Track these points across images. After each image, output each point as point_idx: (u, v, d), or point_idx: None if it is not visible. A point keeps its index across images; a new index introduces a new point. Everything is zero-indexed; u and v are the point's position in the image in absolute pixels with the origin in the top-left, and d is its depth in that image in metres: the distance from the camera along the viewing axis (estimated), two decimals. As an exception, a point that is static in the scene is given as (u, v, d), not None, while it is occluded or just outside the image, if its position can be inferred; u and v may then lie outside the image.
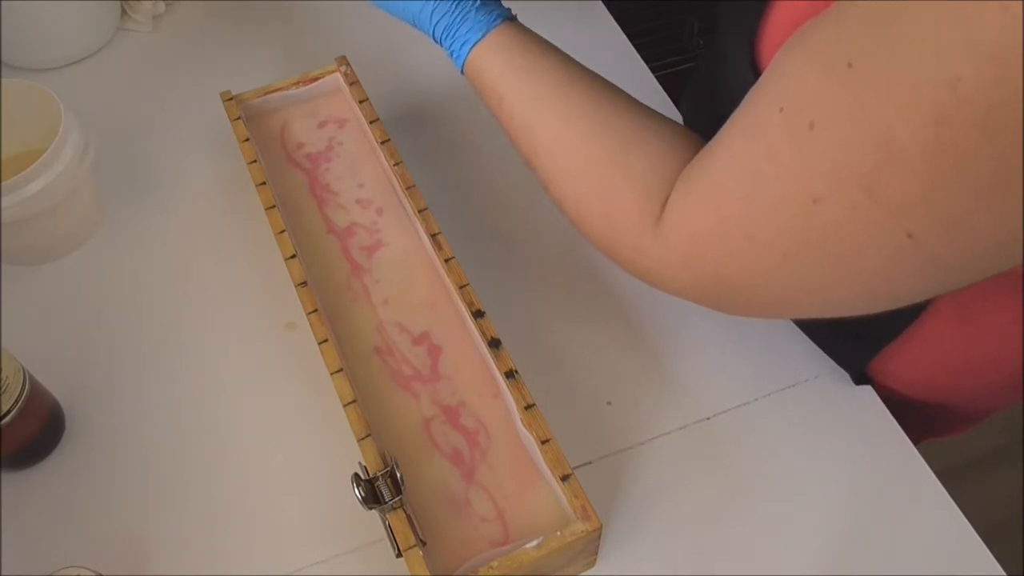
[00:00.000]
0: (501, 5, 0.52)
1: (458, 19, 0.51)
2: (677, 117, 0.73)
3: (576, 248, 0.66)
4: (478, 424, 0.53)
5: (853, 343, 0.58)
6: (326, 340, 0.53)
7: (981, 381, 0.58)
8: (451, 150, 0.73)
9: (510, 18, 0.52)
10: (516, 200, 0.69)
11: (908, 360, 0.57)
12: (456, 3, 0.51)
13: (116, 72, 0.81)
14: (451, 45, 0.52)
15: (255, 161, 0.63)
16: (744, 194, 0.37)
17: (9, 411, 0.53)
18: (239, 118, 0.65)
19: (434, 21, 0.52)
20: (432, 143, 0.73)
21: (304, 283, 0.56)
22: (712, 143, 0.41)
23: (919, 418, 0.63)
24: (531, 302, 0.64)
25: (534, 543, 0.46)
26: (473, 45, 0.51)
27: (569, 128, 0.48)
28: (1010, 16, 0.25)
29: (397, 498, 0.47)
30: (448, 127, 0.75)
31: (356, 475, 0.47)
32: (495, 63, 0.50)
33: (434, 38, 0.54)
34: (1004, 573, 0.52)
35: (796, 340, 0.62)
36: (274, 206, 0.60)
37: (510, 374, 0.52)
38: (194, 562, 0.54)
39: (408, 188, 0.61)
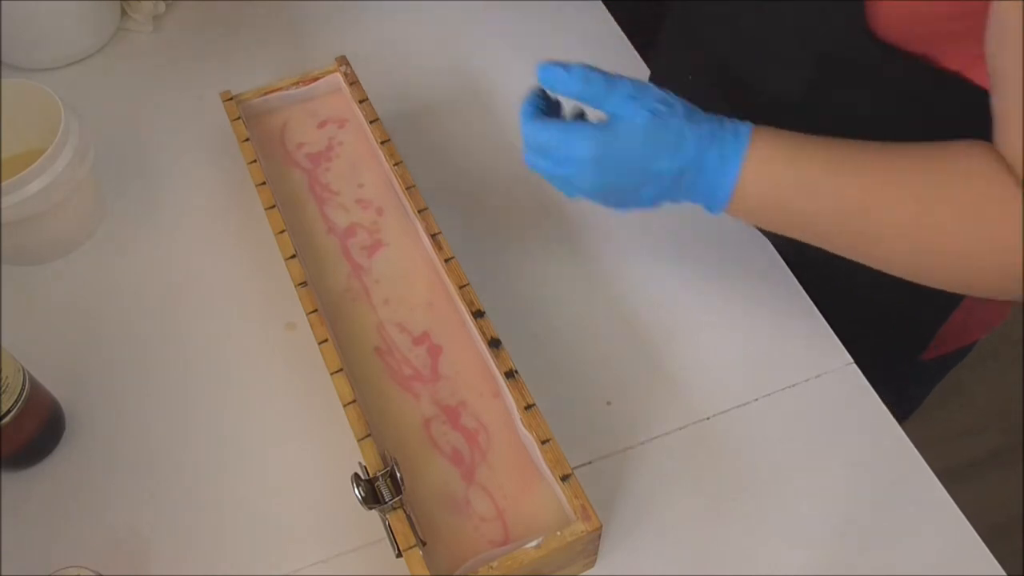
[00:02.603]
0: (726, 118, 0.47)
1: (708, 144, 0.45)
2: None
3: (576, 249, 0.66)
4: (478, 424, 0.53)
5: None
6: (326, 340, 0.53)
7: None
8: (451, 150, 0.73)
9: (743, 120, 0.46)
10: (516, 200, 0.69)
11: None
12: (705, 131, 0.45)
13: (116, 72, 0.81)
14: (707, 181, 0.46)
15: (255, 161, 0.63)
16: None
17: (9, 411, 0.53)
18: (239, 118, 0.65)
19: (679, 161, 0.46)
20: (432, 143, 0.73)
21: (304, 283, 0.56)
22: (999, 98, 0.42)
23: None
24: (531, 302, 0.64)
25: (534, 543, 0.46)
26: (738, 169, 0.45)
27: (902, 191, 0.44)
28: None
29: (397, 498, 0.47)
30: (448, 127, 0.74)
31: (356, 475, 0.47)
32: (774, 177, 0.45)
33: (678, 187, 0.47)
34: (1004, 573, 0.52)
35: (797, 340, 0.62)
36: (274, 206, 0.60)
37: (510, 374, 0.52)
38: (194, 562, 0.54)
39: (408, 188, 0.61)
